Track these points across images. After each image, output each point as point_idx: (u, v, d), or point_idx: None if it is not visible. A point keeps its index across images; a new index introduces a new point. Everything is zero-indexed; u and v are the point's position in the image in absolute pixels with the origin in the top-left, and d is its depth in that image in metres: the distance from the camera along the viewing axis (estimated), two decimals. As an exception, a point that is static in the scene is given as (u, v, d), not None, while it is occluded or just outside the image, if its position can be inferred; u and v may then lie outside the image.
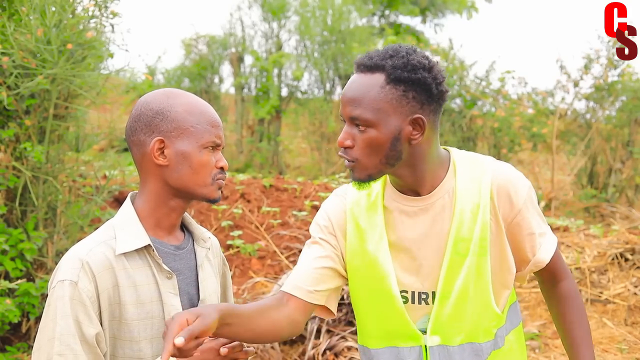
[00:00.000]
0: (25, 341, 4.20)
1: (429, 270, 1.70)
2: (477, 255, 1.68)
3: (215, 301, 1.73)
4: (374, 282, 1.73)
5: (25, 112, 4.23)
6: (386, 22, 17.61)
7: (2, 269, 4.01)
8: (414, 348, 1.72)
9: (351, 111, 1.62)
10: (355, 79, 1.65)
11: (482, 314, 1.70)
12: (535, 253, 1.74)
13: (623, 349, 4.29)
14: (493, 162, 1.75)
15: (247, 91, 12.06)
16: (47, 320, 1.50)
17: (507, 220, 1.70)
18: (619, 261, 5.06)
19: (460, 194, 1.69)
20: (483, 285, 1.69)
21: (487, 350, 1.71)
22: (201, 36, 12.22)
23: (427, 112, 1.63)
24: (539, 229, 1.74)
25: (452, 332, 1.70)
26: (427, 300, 1.71)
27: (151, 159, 1.59)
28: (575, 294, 1.81)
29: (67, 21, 4.21)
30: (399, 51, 1.64)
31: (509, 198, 1.69)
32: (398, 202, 1.74)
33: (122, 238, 1.56)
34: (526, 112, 8.98)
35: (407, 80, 1.60)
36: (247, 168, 11.17)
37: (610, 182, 8.71)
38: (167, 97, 1.61)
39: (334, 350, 4.17)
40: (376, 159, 1.63)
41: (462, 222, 1.68)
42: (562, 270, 1.81)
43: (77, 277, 1.49)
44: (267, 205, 6.31)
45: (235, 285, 5.20)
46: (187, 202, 1.64)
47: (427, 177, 1.69)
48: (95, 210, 4.57)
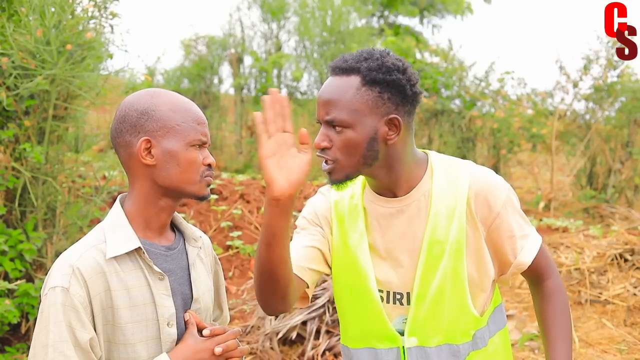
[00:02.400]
0: (25, 342, 4.20)
1: (404, 270, 1.72)
2: (452, 257, 1.69)
3: (208, 300, 1.73)
4: (353, 280, 1.76)
5: (24, 113, 4.23)
6: (385, 22, 17.62)
7: (2, 270, 4.01)
8: (392, 349, 1.73)
9: (327, 113, 1.64)
10: (330, 81, 1.67)
11: (458, 316, 1.72)
12: (517, 255, 1.74)
13: (622, 350, 4.29)
14: (471, 166, 1.77)
15: (246, 92, 12.06)
16: (40, 327, 1.50)
17: (486, 224, 1.71)
18: (618, 262, 5.06)
19: (436, 196, 1.71)
20: (459, 288, 1.70)
21: (465, 352, 1.73)
22: (200, 37, 12.22)
23: (402, 113, 1.66)
24: (519, 232, 1.74)
25: (429, 333, 1.71)
26: (401, 300, 1.73)
27: (138, 160, 1.58)
28: (559, 292, 1.81)
29: (67, 22, 4.21)
30: (373, 54, 1.67)
31: (487, 202, 1.70)
32: (375, 203, 1.76)
33: (112, 241, 1.56)
34: (525, 113, 8.97)
35: (382, 81, 1.63)
36: (246, 169, 11.16)
37: (609, 183, 8.71)
38: (151, 96, 1.61)
39: (333, 350, 4.17)
40: (354, 160, 1.65)
41: (437, 224, 1.70)
42: (547, 269, 1.81)
43: (68, 283, 1.49)
44: (267, 206, 6.29)
45: (234, 286, 5.20)
46: (176, 201, 1.64)
47: (403, 178, 1.71)
48: (94, 211, 4.57)
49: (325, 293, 4.39)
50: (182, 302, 1.64)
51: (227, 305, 1.91)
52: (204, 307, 1.69)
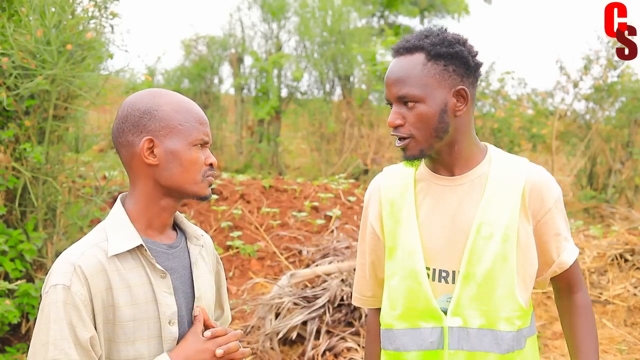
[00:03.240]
0: (25, 342, 4.20)
1: (452, 249, 1.75)
2: (501, 242, 1.72)
3: (210, 299, 1.73)
4: (402, 256, 1.79)
5: (24, 113, 4.23)
6: (385, 22, 17.61)
7: (2, 270, 4.01)
8: (435, 329, 1.74)
9: (398, 90, 1.71)
10: (395, 62, 1.74)
11: (504, 301, 1.72)
12: (560, 254, 1.78)
13: (622, 350, 4.29)
14: (528, 162, 1.82)
15: (246, 92, 12.06)
16: (40, 325, 1.50)
17: (536, 217, 1.75)
18: (618, 262, 5.06)
19: (492, 180, 1.76)
20: (507, 273, 1.72)
21: (508, 342, 1.72)
22: (201, 37, 12.22)
23: (467, 84, 1.73)
24: (565, 233, 1.79)
25: (472, 314, 1.72)
26: (447, 278, 1.75)
27: (141, 159, 1.58)
28: (589, 308, 1.85)
29: (67, 22, 4.21)
30: (433, 31, 1.74)
31: (540, 196, 1.75)
32: (430, 180, 1.81)
33: (113, 240, 1.56)
34: (526, 113, 8.98)
35: (446, 54, 1.70)
36: (246, 169, 11.16)
37: (609, 183, 8.71)
38: (153, 96, 1.61)
39: (334, 351, 4.17)
40: (427, 133, 1.71)
41: (489, 206, 1.73)
42: (580, 280, 1.85)
43: (69, 281, 1.49)
44: (267, 206, 6.30)
45: (234, 286, 5.20)
46: (178, 201, 1.64)
47: (464, 156, 1.77)
48: (94, 211, 4.57)
49: (326, 293, 4.39)
50: (184, 301, 1.64)
51: (228, 305, 1.91)
52: (206, 306, 1.69)
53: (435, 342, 1.74)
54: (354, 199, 6.63)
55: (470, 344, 1.72)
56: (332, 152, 10.66)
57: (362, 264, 1.95)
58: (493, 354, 1.71)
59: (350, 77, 11.44)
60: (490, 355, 1.71)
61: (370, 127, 10.57)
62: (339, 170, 10.02)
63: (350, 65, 11.16)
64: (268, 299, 4.46)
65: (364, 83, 11.09)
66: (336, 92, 11.71)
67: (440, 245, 1.76)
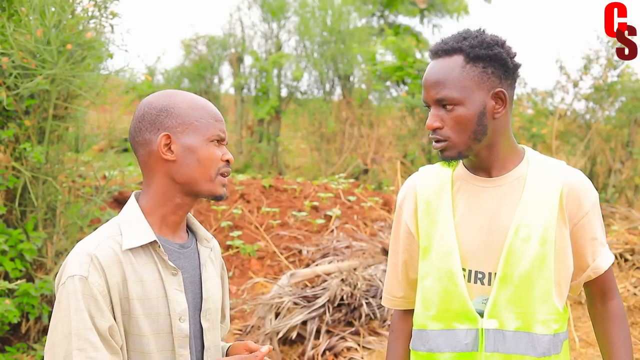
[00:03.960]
0: (25, 341, 4.20)
1: (488, 250, 1.74)
2: (539, 243, 1.71)
3: (217, 301, 1.73)
4: (439, 257, 1.78)
5: (24, 113, 4.23)
6: (385, 22, 17.61)
7: (2, 270, 4.01)
8: (471, 331, 1.73)
9: (437, 93, 1.69)
10: (434, 64, 1.73)
11: (540, 304, 1.71)
12: (596, 259, 1.77)
13: (623, 350, 4.28)
14: (566, 165, 1.82)
15: (246, 92, 12.06)
16: (59, 316, 1.49)
17: (573, 221, 1.74)
18: (618, 262, 5.06)
19: (530, 182, 1.75)
20: (545, 275, 1.71)
21: (544, 345, 1.71)
22: (201, 37, 12.22)
23: (505, 86, 1.72)
24: (601, 237, 1.78)
25: (509, 317, 1.71)
26: (482, 280, 1.74)
27: (159, 156, 1.60)
28: (623, 316, 1.83)
29: (67, 21, 4.21)
30: (470, 33, 1.73)
31: (578, 200, 1.74)
32: (468, 181, 1.80)
33: (128, 234, 1.57)
34: (526, 113, 8.98)
35: (484, 57, 1.69)
36: (246, 168, 11.16)
37: (609, 183, 8.71)
38: (169, 95, 1.63)
39: (334, 350, 4.17)
40: (465, 136, 1.70)
41: (527, 208, 1.72)
42: (614, 287, 1.84)
43: (87, 271, 1.50)
44: (267, 206, 6.31)
45: (234, 286, 5.20)
46: (192, 199, 1.65)
47: (501, 157, 1.76)
48: (94, 211, 4.57)
49: (326, 293, 4.39)
50: (192, 301, 1.65)
51: (229, 313, 1.91)
52: (213, 308, 1.70)
53: (470, 344, 1.73)
54: (353, 199, 6.63)
55: (506, 347, 1.71)
56: (332, 152, 10.66)
57: (395, 264, 1.93)
58: (529, 357, 1.71)
59: (350, 76, 11.44)
60: (526, 358, 1.71)
61: (370, 126, 10.57)
62: (338, 170, 10.02)
63: (350, 65, 11.16)
64: (268, 299, 4.46)
65: (364, 83, 11.09)
66: (336, 91, 11.71)
67: (477, 246, 1.75)
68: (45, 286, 4.01)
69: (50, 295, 4.18)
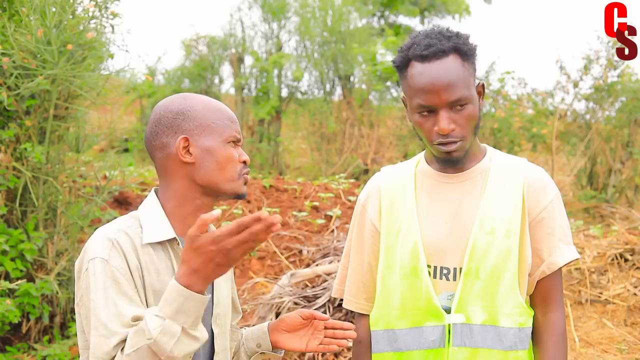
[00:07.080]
0: (26, 341, 4.21)
1: (454, 245, 1.74)
2: (504, 236, 1.71)
3: (227, 306, 1.74)
4: (402, 255, 1.77)
5: (25, 113, 4.24)
6: (386, 22, 17.62)
7: (3, 270, 4.01)
8: (437, 327, 1.73)
9: (451, 95, 1.66)
10: (434, 67, 1.67)
11: (506, 297, 1.71)
12: (551, 254, 1.75)
13: (623, 350, 4.29)
14: (528, 162, 1.83)
15: (247, 92, 12.06)
16: (96, 296, 1.45)
17: (532, 215, 1.74)
18: (618, 262, 5.06)
19: (493, 176, 1.76)
20: (510, 267, 1.71)
21: (510, 338, 1.71)
22: (201, 37, 12.22)
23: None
24: (560, 234, 1.76)
25: (475, 310, 1.71)
26: (447, 276, 1.74)
27: (177, 159, 1.60)
28: (563, 333, 1.77)
29: (68, 22, 4.22)
30: (449, 31, 1.73)
31: (537, 194, 1.74)
32: (431, 177, 1.80)
33: (148, 228, 1.57)
34: (526, 113, 8.98)
35: (471, 52, 1.72)
36: (247, 168, 11.15)
37: (610, 183, 8.71)
38: (184, 98, 1.64)
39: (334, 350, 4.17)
40: (472, 132, 1.72)
41: (491, 201, 1.73)
42: (559, 299, 1.78)
43: (107, 255, 1.49)
44: (267, 206, 6.31)
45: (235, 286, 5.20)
46: (213, 200, 1.65)
47: (471, 152, 1.77)
48: (95, 211, 4.57)
49: (326, 293, 4.39)
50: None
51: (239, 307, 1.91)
52: (222, 313, 1.70)
53: (437, 341, 1.73)
54: (354, 199, 6.63)
55: (473, 341, 1.71)
56: (332, 152, 10.66)
57: (359, 265, 1.89)
58: (496, 351, 1.70)
59: (351, 77, 11.44)
60: (493, 352, 1.71)
61: (371, 127, 10.57)
62: (339, 170, 10.02)
63: (350, 65, 11.16)
64: (268, 299, 4.46)
65: (364, 83, 11.09)
66: (336, 92, 11.71)
67: (442, 241, 1.74)
68: (45, 286, 4.01)
69: (50, 295, 4.19)
